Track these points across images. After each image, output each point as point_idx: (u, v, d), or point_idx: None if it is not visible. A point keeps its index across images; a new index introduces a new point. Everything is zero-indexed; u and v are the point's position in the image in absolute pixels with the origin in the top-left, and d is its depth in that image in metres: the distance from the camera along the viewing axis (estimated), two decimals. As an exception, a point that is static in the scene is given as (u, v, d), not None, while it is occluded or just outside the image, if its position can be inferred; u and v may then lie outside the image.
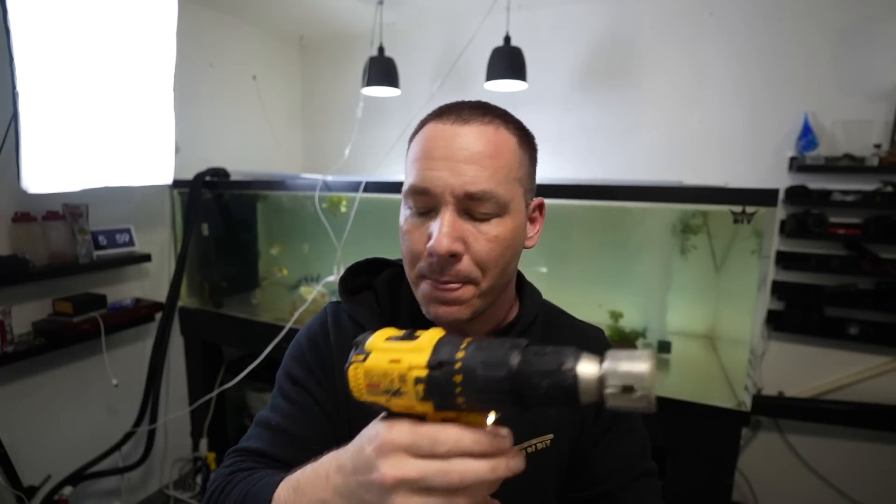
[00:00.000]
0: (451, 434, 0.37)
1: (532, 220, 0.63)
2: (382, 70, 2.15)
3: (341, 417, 0.64)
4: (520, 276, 0.71)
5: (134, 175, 1.78)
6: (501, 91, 2.10)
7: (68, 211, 1.70)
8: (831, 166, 1.84)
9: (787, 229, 1.93)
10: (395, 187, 1.74)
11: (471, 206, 0.54)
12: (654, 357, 0.34)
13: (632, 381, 0.33)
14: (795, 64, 1.92)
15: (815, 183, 1.91)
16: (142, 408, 2.02)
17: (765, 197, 1.29)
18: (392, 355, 0.41)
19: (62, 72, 1.50)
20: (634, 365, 0.33)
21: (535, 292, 0.71)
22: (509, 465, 0.37)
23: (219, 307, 2.16)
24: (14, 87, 1.39)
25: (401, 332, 0.43)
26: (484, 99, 0.64)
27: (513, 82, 1.97)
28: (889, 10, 1.79)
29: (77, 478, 1.81)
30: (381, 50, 2.17)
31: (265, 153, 2.69)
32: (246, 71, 2.53)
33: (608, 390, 0.33)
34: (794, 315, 1.95)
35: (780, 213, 1.96)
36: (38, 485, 1.69)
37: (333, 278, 1.75)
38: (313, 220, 1.81)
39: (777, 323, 1.98)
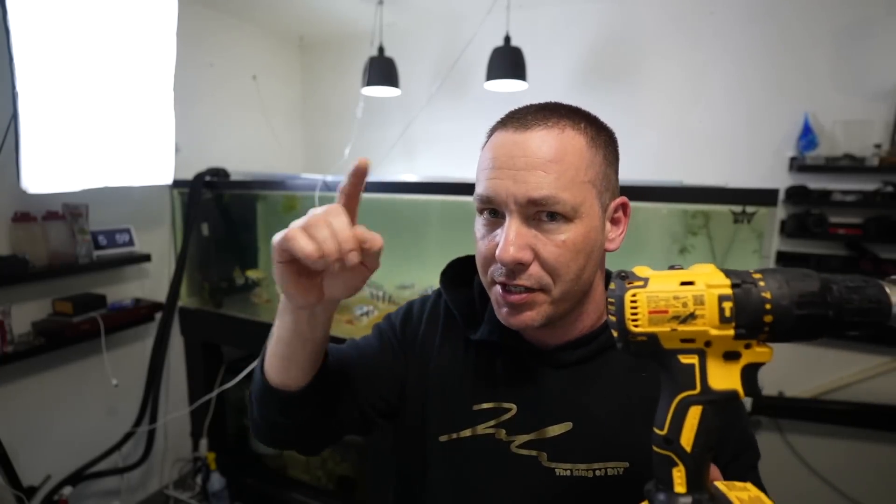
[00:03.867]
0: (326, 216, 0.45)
1: (615, 221, 0.60)
2: (382, 70, 2.15)
3: (400, 369, 0.68)
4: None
5: (134, 175, 1.78)
6: (501, 91, 2.10)
7: (68, 211, 1.70)
8: (831, 166, 1.84)
9: (787, 229, 1.93)
10: (395, 187, 1.74)
11: (537, 213, 0.54)
12: None
13: None
14: (795, 64, 1.92)
15: (815, 183, 1.91)
16: (142, 408, 2.02)
17: (765, 197, 1.29)
18: (680, 278, 0.39)
19: (62, 72, 1.50)
20: None
21: None
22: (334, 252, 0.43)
23: (219, 307, 2.15)
24: (14, 87, 1.39)
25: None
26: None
27: (513, 82, 1.97)
28: (889, 10, 1.79)
29: (77, 478, 1.81)
30: (381, 50, 2.17)
31: (265, 153, 2.69)
32: (246, 71, 2.53)
33: None
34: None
35: (781, 213, 1.96)
36: (38, 485, 1.69)
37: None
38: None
39: (777, 323, 1.97)
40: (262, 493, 2.15)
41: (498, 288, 0.57)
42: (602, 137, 0.58)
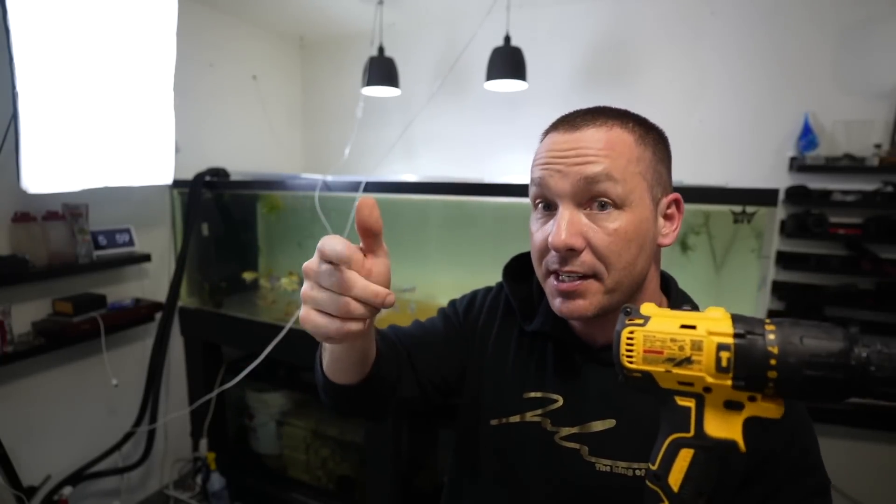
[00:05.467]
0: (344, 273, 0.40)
1: (668, 217, 0.61)
2: (382, 70, 2.15)
3: (461, 351, 0.72)
4: (669, 281, 0.69)
5: (134, 175, 1.77)
6: (501, 91, 2.10)
7: (68, 211, 1.70)
8: (831, 166, 1.84)
9: (787, 229, 1.93)
10: (395, 187, 1.74)
11: (589, 200, 0.56)
12: None
13: None
14: (795, 64, 1.92)
15: (815, 183, 1.91)
16: (142, 408, 2.02)
17: (765, 197, 1.29)
18: (682, 321, 0.38)
19: (62, 72, 1.50)
20: None
21: (686, 300, 0.68)
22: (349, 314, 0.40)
23: (219, 307, 2.15)
24: (14, 87, 1.39)
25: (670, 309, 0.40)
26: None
27: (513, 82, 1.97)
28: (889, 10, 1.79)
29: (77, 478, 1.81)
30: (381, 50, 2.17)
31: (265, 153, 2.69)
32: (246, 71, 2.53)
33: None
34: (794, 315, 1.95)
35: (781, 213, 1.96)
36: (38, 485, 1.69)
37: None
38: (313, 220, 1.81)
39: (777, 323, 1.97)
40: (262, 493, 2.15)
41: (552, 279, 0.59)
42: (651, 136, 0.60)
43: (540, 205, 0.60)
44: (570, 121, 0.59)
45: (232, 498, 2.18)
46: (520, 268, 0.74)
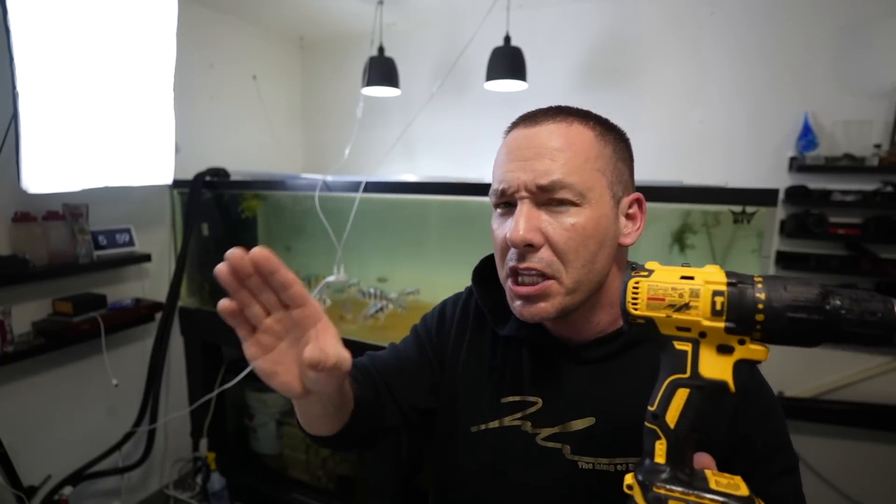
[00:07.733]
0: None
1: (630, 217, 0.61)
2: (382, 70, 2.15)
3: (435, 372, 0.73)
4: None
5: (134, 175, 1.77)
6: (501, 91, 2.10)
7: (68, 211, 1.70)
8: (831, 166, 1.84)
9: (787, 229, 1.93)
10: (395, 187, 1.74)
11: (546, 198, 0.56)
12: None
13: None
14: (795, 64, 1.92)
15: (815, 183, 1.91)
16: (142, 408, 2.02)
17: (765, 197, 1.29)
18: (682, 272, 0.43)
19: (62, 72, 1.50)
20: None
21: None
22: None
23: (219, 307, 2.15)
24: (14, 87, 1.39)
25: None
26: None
27: (513, 82, 1.97)
28: (889, 10, 1.79)
29: (77, 478, 1.81)
30: (381, 50, 2.17)
31: (265, 153, 2.69)
32: (246, 71, 2.53)
33: None
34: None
35: (780, 213, 1.96)
36: (38, 485, 1.69)
37: (333, 278, 1.75)
38: (313, 220, 1.81)
39: (777, 323, 1.97)
40: (262, 493, 2.15)
41: (510, 282, 0.59)
42: (611, 135, 0.60)
43: (500, 203, 0.60)
44: (531, 117, 0.60)
45: (232, 498, 2.18)
46: (490, 270, 0.73)
